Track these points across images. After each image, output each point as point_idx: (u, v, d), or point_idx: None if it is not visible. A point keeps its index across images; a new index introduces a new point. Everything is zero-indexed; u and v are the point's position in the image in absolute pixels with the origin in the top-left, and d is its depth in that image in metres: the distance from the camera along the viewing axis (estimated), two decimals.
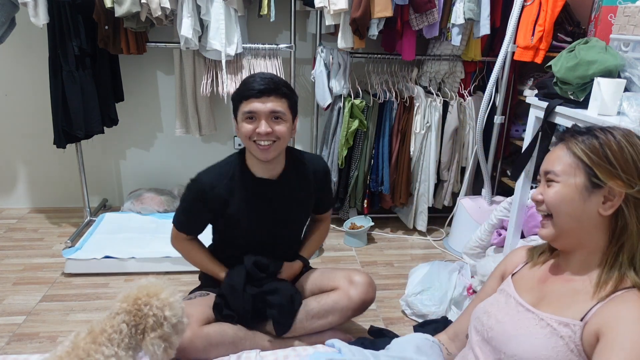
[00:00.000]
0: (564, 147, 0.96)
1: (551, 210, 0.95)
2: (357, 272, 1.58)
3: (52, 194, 2.83)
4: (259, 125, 1.39)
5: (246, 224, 1.53)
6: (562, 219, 0.94)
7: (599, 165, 0.89)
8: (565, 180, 0.93)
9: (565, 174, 0.93)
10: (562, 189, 0.93)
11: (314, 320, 1.55)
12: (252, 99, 1.38)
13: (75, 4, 2.14)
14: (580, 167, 0.91)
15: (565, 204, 0.92)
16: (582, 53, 1.58)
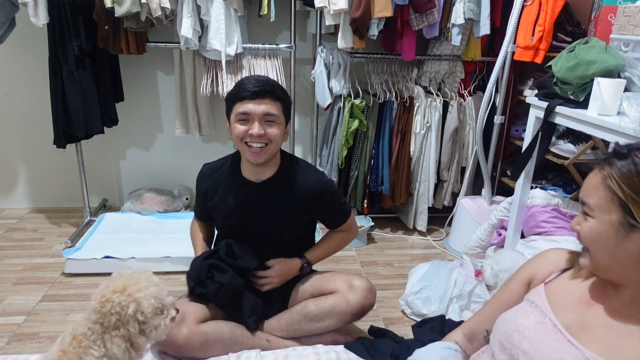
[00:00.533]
0: (599, 174, 0.84)
1: (586, 245, 0.87)
2: (357, 277, 1.57)
3: (52, 194, 2.83)
4: (251, 127, 1.39)
5: (224, 220, 1.56)
6: (599, 256, 0.85)
7: (635, 202, 0.77)
8: (599, 216, 0.82)
9: (599, 209, 0.82)
10: (596, 225, 0.83)
11: (311, 323, 1.54)
12: (246, 101, 1.39)
13: (75, 4, 2.14)
14: (616, 202, 0.80)
15: (600, 242, 0.83)
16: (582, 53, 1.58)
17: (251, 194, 1.52)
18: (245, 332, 1.51)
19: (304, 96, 2.77)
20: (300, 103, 2.78)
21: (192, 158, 2.84)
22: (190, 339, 1.39)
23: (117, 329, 1.03)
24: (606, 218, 0.81)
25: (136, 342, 1.07)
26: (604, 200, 0.81)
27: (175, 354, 1.42)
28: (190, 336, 1.39)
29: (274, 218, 1.53)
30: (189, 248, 2.20)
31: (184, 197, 2.81)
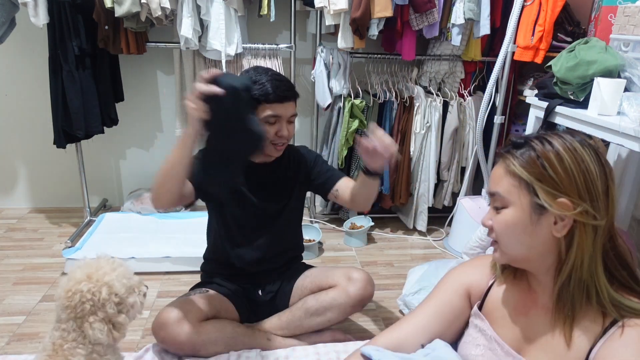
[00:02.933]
0: (503, 164, 0.85)
1: (498, 238, 0.86)
2: (355, 269, 1.59)
3: (52, 194, 2.83)
4: (280, 128, 1.45)
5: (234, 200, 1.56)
6: (512, 247, 0.85)
7: (539, 183, 0.79)
8: (512, 202, 0.82)
9: (509, 194, 0.82)
10: (510, 215, 0.83)
11: (313, 318, 1.55)
12: (275, 103, 1.42)
13: (75, 4, 2.14)
14: (523, 186, 0.81)
15: (515, 232, 0.83)
16: (582, 53, 1.58)
17: (264, 174, 1.57)
18: (247, 330, 1.52)
19: (304, 96, 2.77)
20: (300, 103, 2.74)
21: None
22: (191, 337, 1.40)
23: (94, 314, 1.02)
24: (518, 203, 0.81)
25: (117, 322, 1.06)
26: (512, 186, 0.82)
27: (177, 352, 1.42)
28: (191, 335, 1.40)
29: (284, 192, 1.60)
30: (189, 248, 2.23)
31: None
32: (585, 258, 0.79)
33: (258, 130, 1.30)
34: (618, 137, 1.41)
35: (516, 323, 0.90)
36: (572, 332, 0.82)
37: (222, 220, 1.60)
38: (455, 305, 0.99)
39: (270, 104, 1.42)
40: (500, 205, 0.84)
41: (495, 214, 0.86)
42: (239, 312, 1.59)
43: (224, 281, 1.63)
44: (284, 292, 1.65)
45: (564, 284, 0.82)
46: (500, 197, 0.84)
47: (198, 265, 1.75)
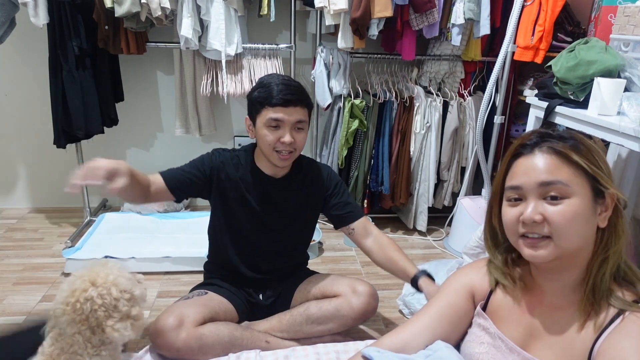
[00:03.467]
0: (553, 154, 0.82)
1: (557, 231, 0.79)
2: (361, 282, 1.58)
3: (52, 194, 2.83)
4: (283, 134, 1.41)
5: (242, 214, 1.55)
6: (570, 241, 0.80)
7: (597, 171, 0.79)
8: (576, 192, 0.79)
9: (573, 184, 0.79)
10: (576, 204, 0.78)
11: (313, 326, 1.55)
12: (278, 107, 1.39)
13: (75, 4, 2.14)
14: (582, 176, 0.80)
15: (579, 222, 0.79)
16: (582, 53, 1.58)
17: (273, 188, 1.55)
18: (245, 333, 1.51)
19: None
20: None
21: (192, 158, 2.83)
22: (188, 343, 1.39)
23: (110, 317, 1.02)
24: (581, 192, 0.79)
25: (133, 315, 1.06)
26: (574, 175, 0.80)
27: (174, 357, 1.41)
28: (188, 340, 1.39)
29: (292, 211, 1.58)
30: (189, 248, 2.23)
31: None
32: (623, 249, 0.80)
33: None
34: (618, 137, 1.41)
35: (520, 321, 0.90)
36: (581, 326, 0.82)
37: (225, 225, 1.60)
38: (459, 307, 0.99)
39: (272, 107, 1.39)
40: (560, 196, 0.79)
41: (548, 205, 0.80)
42: (238, 313, 1.59)
43: (225, 282, 1.63)
44: (285, 296, 1.64)
45: (602, 277, 0.81)
46: (563, 186, 0.79)
47: (198, 265, 1.75)
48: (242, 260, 1.62)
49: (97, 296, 1.01)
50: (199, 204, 2.95)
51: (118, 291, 1.04)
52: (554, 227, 0.79)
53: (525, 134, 0.89)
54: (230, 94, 2.44)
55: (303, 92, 1.44)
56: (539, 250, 0.81)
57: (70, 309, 1.00)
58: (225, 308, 1.55)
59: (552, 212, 0.79)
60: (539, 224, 0.80)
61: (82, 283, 1.03)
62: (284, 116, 1.40)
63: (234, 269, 1.62)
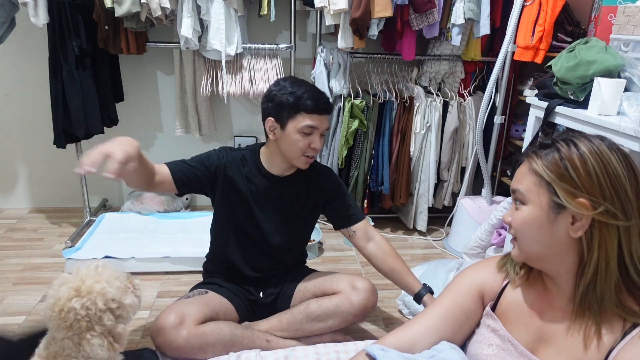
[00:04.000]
0: (527, 163, 0.87)
1: (516, 234, 0.88)
2: (360, 278, 1.59)
3: (52, 194, 2.83)
4: (314, 140, 1.46)
5: (247, 211, 1.56)
6: (529, 244, 0.86)
7: (559, 183, 0.80)
8: (531, 200, 0.84)
9: (530, 192, 0.84)
10: (528, 212, 0.84)
11: (314, 323, 1.55)
12: (314, 115, 1.44)
13: (75, 4, 2.14)
14: (543, 185, 0.82)
15: (533, 229, 0.84)
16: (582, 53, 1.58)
17: (278, 187, 1.57)
18: (245, 332, 1.51)
19: None
20: None
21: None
22: (189, 341, 1.39)
23: (92, 330, 0.98)
24: (537, 201, 0.83)
25: (116, 333, 1.02)
26: (533, 184, 0.84)
27: (175, 356, 1.42)
28: (189, 338, 1.39)
29: (295, 210, 1.60)
30: (189, 248, 2.23)
31: (184, 197, 2.81)
32: (610, 260, 0.79)
33: None
34: (618, 137, 1.41)
35: (530, 324, 0.90)
36: (591, 335, 0.81)
37: (227, 222, 1.60)
38: (467, 306, 0.98)
39: (310, 114, 1.43)
40: (521, 202, 0.86)
41: (515, 210, 0.88)
42: (238, 312, 1.59)
43: (225, 282, 1.63)
44: (285, 294, 1.65)
45: (588, 286, 0.81)
46: (521, 194, 0.86)
47: (198, 265, 1.75)
48: (243, 257, 1.62)
49: (81, 307, 0.97)
50: (198, 204, 2.95)
51: (104, 302, 0.99)
52: (513, 230, 0.88)
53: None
54: (230, 94, 2.44)
55: (330, 101, 1.52)
56: (513, 250, 0.91)
57: (56, 315, 0.98)
58: (225, 308, 1.56)
59: (513, 216, 0.88)
60: (511, 227, 0.89)
61: (66, 291, 0.99)
62: (319, 123, 1.46)
63: (234, 267, 1.63)
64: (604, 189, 0.78)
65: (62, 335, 0.99)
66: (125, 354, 1.14)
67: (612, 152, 0.80)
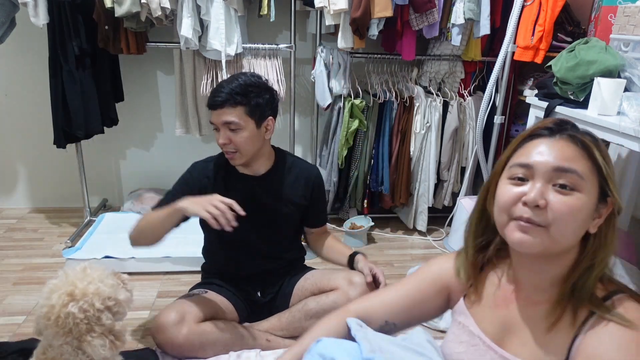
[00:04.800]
0: (574, 142, 0.76)
1: (557, 222, 0.73)
2: (357, 274, 1.58)
3: (52, 194, 2.83)
4: (219, 137, 1.45)
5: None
6: (565, 236, 0.75)
7: (610, 174, 0.75)
8: (585, 187, 0.74)
9: (587, 178, 0.74)
10: (581, 199, 0.73)
11: (313, 321, 1.55)
12: (211, 110, 1.44)
13: (75, 4, 2.14)
14: (595, 173, 0.75)
15: (578, 219, 0.74)
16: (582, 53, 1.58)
17: (254, 187, 1.56)
18: (246, 332, 1.52)
19: (304, 96, 2.77)
20: (300, 103, 2.78)
21: (192, 158, 2.80)
22: (190, 339, 1.40)
23: (92, 331, 0.97)
24: (591, 189, 0.74)
25: (116, 331, 1.02)
26: (589, 169, 0.75)
27: (176, 354, 1.42)
28: (190, 336, 1.40)
29: (281, 208, 1.58)
30: (189, 248, 2.22)
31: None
32: (608, 256, 0.78)
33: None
34: (618, 137, 1.41)
35: (496, 316, 0.88)
36: (559, 325, 0.79)
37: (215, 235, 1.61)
38: (427, 293, 0.99)
39: (210, 110, 1.44)
40: (570, 186, 0.74)
41: (555, 193, 0.74)
42: (238, 312, 1.59)
43: (223, 282, 1.63)
44: (284, 293, 1.65)
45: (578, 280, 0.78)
46: (577, 178, 0.74)
47: (198, 265, 1.76)
48: (237, 261, 1.62)
49: (79, 311, 0.96)
50: None
51: (101, 302, 0.99)
52: (554, 216, 0.73)
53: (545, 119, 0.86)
54: None
55: (232, 91, 1.40)
56: (529, 236, 0.75)
57: (52, 323, 0.97)
58: (225, 307, 1.56)
59: (558, 200, 0.73)
60: (540, 210, 0.74)
61: (59, 297, 0.97)
62: (215, 119, 1.44)
63: (230, 270, 1.63)
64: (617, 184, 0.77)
65: (61, 342, 0.98)
66: (125, 354, 1.14)
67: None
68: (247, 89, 1.43)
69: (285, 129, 2.68)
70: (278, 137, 2.83)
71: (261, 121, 1.47)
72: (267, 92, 1.48)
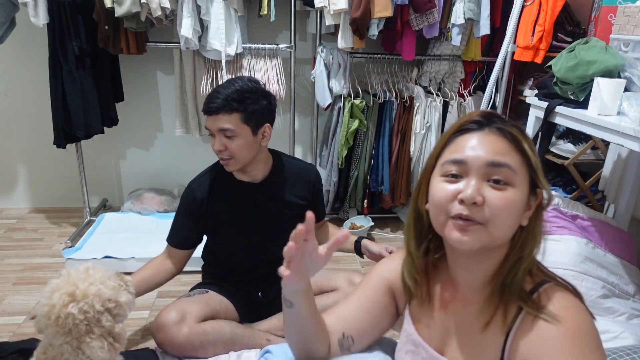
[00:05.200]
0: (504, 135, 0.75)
1: (494, 218, 0.72)
2: (357, 274, 1.59)
3: (52, 194, 2.83)
4: (214, 142, 1.43)
5: (227, 225, 1.55)
6: (502, 231, 0.74)
7: (538, 164, 0.75)
8: (517, 181, 0.73)
9: (519, 172, 0.73)
10: (515, 193, 0.73)
11: None
12: (207, 116, 1.41)
13: (75, 4, 2.14)
14: (525, 166, 0.74)
15: (513, 214, 0.73)
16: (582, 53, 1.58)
17: (254, 194, 1.54)
18: (246, 331, 1.52)
19: (304, 96, 2.77)
20: (300, 103, 2.78)
21: (192, 158, 2.84)
22: (190, 338, 1.40)
23: (91, 332, 0.97)
24: (523, 183, 0.74)
25: (115, 333, 1.02)
26: (520, 163, 0.74)
27: (176, 353, 1.42)
28: (190, 335, 1.40)
29: (284, 214, 1.57)
30: None
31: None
32: (536, 249, 0.76)
33: None
34: (618, 137, 1.41)
35: (436, 320, 0.85)
36: (493, 323, 0.77)
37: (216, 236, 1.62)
38: (378, 301, 0.94)
39: (205, 115, 1.42)
40: (504, 181, 0.73)
41: (490, 189, 0.73)
42: (238, 312, 1.59)
43: (224, 282, 1.63)
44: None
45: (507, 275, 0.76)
46: (510, 172, 0.72)
47: (198, 265, 1.75)
48: (239, 264, 1.63)
49: (79, 312, 0.96)
50: None
51: (101, 303, 0.99)
52: (492, 212, 0.72)
53: (471, 112, 0.83)
54: None
55: (228, 97, 1.37)
56: (468, 233, 0.73)
57: (53, 323, 0.97)
58: (226, 307, 1.56)
59: (494, 196, 0.72)
60: (477, 207, 0.72)
61: (60, 297, 0.98)
62: (210, 124, 1.41)
63: (232, 272, 1.63)
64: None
65: (61, 341, 0.98)
66: (125, 354, 1.14)
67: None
68: (244, 95, 1.39)
69: (285, 129, 2.68)
70: (278, 137, 2.83)
71: (258, 128, 1.43)
72: (265, 98, 1.44)
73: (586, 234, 1.71)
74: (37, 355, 1.04)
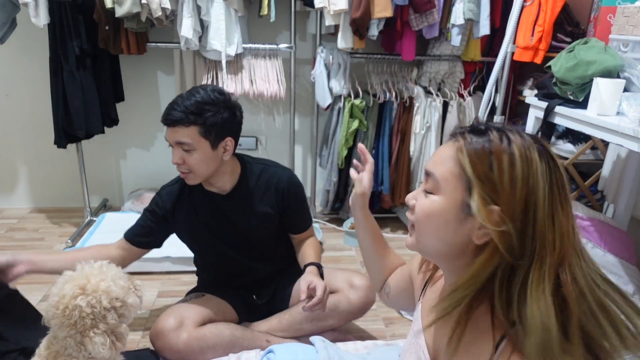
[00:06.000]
0: (453, 146, 0.72)
1: (416, 223, 0.75)
2: (358, 275, 1.59)
3: (53, 194, 2.84)
4: (173, 154, 1.38)
5: (198, 236, 1.53)
6: (426, 237, 0.74)
7: (480, 185, 0.66)
8: (445, 190, 0.70)
9: (446, 183, 0.70)
10: (438, 203, 0.71)
11: (314, 323, 1.55)
12: (165, 127, 1.35)
13: (75, 4, 2.14)
14: (463, 179, 0.69)
15: (435, 222, 0.72)
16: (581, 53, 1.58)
17: (221, 205, 1.50)
18: (245, 333, 1.51)
19: (304, 96, 2.78)
20: (300, 103, 2.78)
21: None
22: (189, 344, 1.39)
23: (95, 327, 0.99)
24: (451, 195, 0.70)
25: (118, 332, 1.03)
26: (452, 174, 0.70)
27: (175, 359, 1.42)
28: (189, 341, 1.40)
29: (250, 224, 1.52)
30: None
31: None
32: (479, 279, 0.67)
33: None
34: (617, 137, 1.41)
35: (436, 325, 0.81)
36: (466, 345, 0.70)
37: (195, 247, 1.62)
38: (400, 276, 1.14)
39: (165, 126, 1.35)
40: (429, 190, 0.73)
41: (422, 195, 0.74)
42: (237, 312, 1.59)
43: (218, 285, 1.63)
44: (282, 294, 1.65)
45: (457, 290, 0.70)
46: (434, 181, 0.72)
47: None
48: (224, 274, 1.63)
49: (87, 305, 0.97)
50: None
51: (109, 300, 1.00)
52: (415, 217, 0.75)
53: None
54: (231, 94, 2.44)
55: (187, 110, 1.31)
56: (409, 236, 0.80)
57: (60, 313, 0.98)
58: (224, 309, 1.56)
59: (419, 202, 0.75)
60: (412, 212, 0.77)
61: (71, 289, 0.99)
62: (168, 136, 1.35)
63: (221, 280, 1.64)
64: (516, 204, 0.64)
65: (65, 334, 0.99)
66: (125, 354, 1.14)
67: (541, 160, 0.67)
68: (203, 107, 1.32)
69: (285, 129, 2.68)
70: (278, 137, 2.84)
71: (218, 142, 1.36)
72: (227, 110, 1.36)
73: (585, 234, 1.72)
74: (41, 349, 1.05)
